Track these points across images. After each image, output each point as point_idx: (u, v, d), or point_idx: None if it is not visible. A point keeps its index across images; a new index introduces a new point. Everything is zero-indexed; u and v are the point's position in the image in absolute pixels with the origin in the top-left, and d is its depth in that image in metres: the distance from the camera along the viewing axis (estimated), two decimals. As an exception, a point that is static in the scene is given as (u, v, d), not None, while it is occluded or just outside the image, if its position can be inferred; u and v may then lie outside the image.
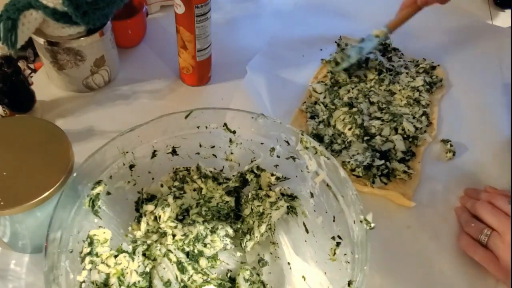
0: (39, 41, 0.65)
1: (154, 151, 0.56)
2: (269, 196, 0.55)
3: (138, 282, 0.48)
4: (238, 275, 0.51)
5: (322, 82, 0.76)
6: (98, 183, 0.50)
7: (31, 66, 0.70)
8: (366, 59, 0.78)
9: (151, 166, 0.56)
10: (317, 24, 0.89)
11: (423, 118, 0.70)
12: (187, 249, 0.52)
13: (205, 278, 0.51)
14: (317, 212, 0.54)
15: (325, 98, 0.72)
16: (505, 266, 0.50)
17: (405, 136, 0.67)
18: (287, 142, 0.55)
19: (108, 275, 0.48)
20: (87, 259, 0.47)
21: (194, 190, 0.56)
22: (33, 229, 0.49)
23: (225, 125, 0.56)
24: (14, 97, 0.62)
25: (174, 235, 0.52)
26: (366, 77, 0.77)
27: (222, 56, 0.78)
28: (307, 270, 0.52)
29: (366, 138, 0.66)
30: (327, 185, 0.52)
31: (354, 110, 0.69)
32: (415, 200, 0.60)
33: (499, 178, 0.64)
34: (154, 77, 0.76)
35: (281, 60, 0.80)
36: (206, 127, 0.56)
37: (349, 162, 0.63)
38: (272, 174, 0.56)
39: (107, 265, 0.48)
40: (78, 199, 0.48)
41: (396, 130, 0.68)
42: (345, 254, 0.49)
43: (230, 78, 0.76)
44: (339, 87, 0.74)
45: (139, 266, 0.49)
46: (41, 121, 0.53)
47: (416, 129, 0.68)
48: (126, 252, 0.50)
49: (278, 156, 0.56)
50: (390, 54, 0.81)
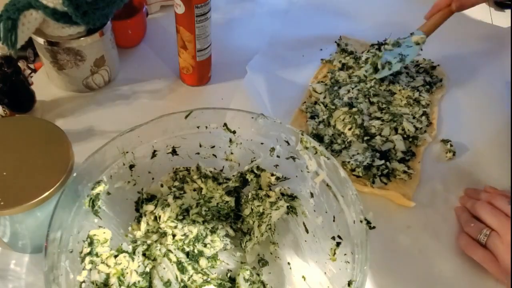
0: (39, 41, 0.65)
1: (154, 151, 0.56)
2: (269, 196, 0.55)
3: (138, 282, 0.48)
4: (238, 275, 0.51)
5: (322, 82, 0.76)
6: (98, 183, 0.50)
7: (31, 66, 0.70)
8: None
9: (151, 166, 0.57)
10: (317, 24, 0.89)
11: (423, 118, 0.70)
12: (187, 249, 0.52)
13: (205, 278, 0.51)
14: (317, 212, 0.54)
15: (325, 98, 0.72)
16: (504, 266, 0.50)
17: (405, 136, 0.67)
18: (287, 142, 0.55)
19: (108, 275, 0.48)
20: (87, 259, 0.47)
21: (194, 190, 0.56)
22: (33, 229, 0.49)
23: (225, 125, 0.56)
24: (14, 97, 0.62)
25: (174, 235, 0.52)
26: (366, 77, 0.77)
27: (222, 56, 0.78)
28: (307, 270, 0.52)
29: (366, 138, 0.66)
30: (327, 185, 0.52)
31: (354, 110, 0.69)
32: (415, 200, 0.60)
33: (499, 178, 0.64)
34: (154, 77, 0.76)
35: (281, 60, 0.80)
36: (206, 127, 0.56)
37: (349, 162, 0.63)
38: (272, 174, 0.56)
39: (107, 265, 0.48)
40: (78, 199, 0.48)
41: (396, 130, 0.68)
42: (345, 254, 0.49)
43: (230, 78, 0.76)
44: (339, 87, 0.74)
45: (139, 266, 0.49)
46: (41, 121, 0.53)
47: (416, 129, 0.68)
48: (126, 252, 0.50)
49: (278, 156, 0.56)
50: (390, 54, 0.81)
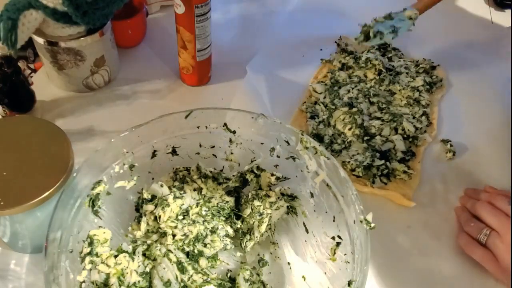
0: (39, 41, 0.65)
1: (154, 151, 0.56)
2: (269, 196, 0.55)
3: (138, 282, 0.48)
4: (238, 275, 0.51)
5: (322, 82, 0.76)
6: (98, 183, 0.50)
7: (31, 66, 0.70)
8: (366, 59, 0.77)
9: (151, 166, 0.57)
10: (317, 24, 0.89)
11: (423, 118, 0.70)
12: (187, 249, 0.52)
13: (205, 278, 0.51)
14: (317, 212, 0.54)
15: (325, 98, 0.72)
16: (504, 266, 0.50)
17: (405, 136, 0.67)
18: (287, 142, 0.55)
19: (108, 275, 0.48)
20: (87, 259, 0.47)
21: (194, 190, 0.56)
22: (33, 229, 0.49)
23: (225, 125, 0.56)
24: (14, 97, 0.62)
25: (174, 235, 0.52)
26: (366, 77, 0.77)
27: (222, 56, 0.78)
28: (307, 270, 0.52)
29: (366, 138, 0.66)
30: (327, 185, 0.52)
31: (354, 110, 0.69)
32: (415, 200, 0.60)
33: (499, 178, 0.64)
34: (154, 77, 0.76)
35: (281, 60, 0.80)
36: (206, 127, 0.56)
37: (349, 162, 0.63)
38: (272, 174, 0.56)
39: (107, 265, 0.48)
40: (78, 199, 0.48)
41: (396, 130, 0.67)
42: (345, 254, 0.49)
43: (230, 78, 0.76)
44: (339, 87, 0.74)
45: (139, 266, 0.49)
46: (41, 121, 0.53)
47: (416, 129, 0.68)
48: (126, 252, 0.50)
49: (278, 156, 0.56)
50: (390, 54, 0.81)
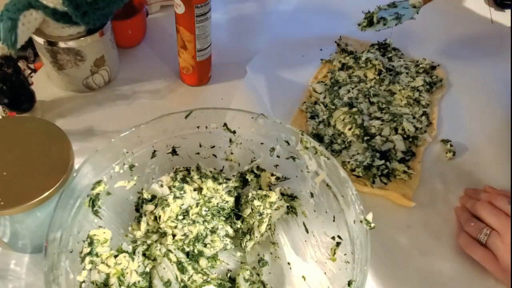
0: (39, 41, 0.65)
1: (154, 151, 0.56)
2: (269, 196, 0.55)
3: (138, 282, 0.48)
4: (238, 275, 0.51)
5: (322, 82, 0.76)
6: (98, 183, 0.51)
7: (31, 66, 0.70)
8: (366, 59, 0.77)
9: (151, 166, 0.57)
10: (317, 24, 0.89)
11: (423, 118, 0.70)
12: (187, 249, 0.52)
13: (205, 278, 0.51)
14: (317, 212, 0.54)
15: (325, 98, 0.72)
16: (504, 266, 0.50)
17: (405, 136, 0.67)
18: (287, 142, 0.55)
19: (108, 275, 0.48)
20: (87, 259, 0.47)
21: (194, 190, 0.56)
22: (33, 229, 0.49)
23: (225, 125, 0.56)
24: (14, 97, 0.62)
25: (174, 235, 0.52)
26: (366, 77, 0.77)
27: (222, 56, 0.78)
28: (307, 270, 0.52)
29: (366, 138, 0.66)
30: (327, 185, 0.52)
31: (354, 110, 0.69)
32: (415, 200, 0.60)
33: (499, 178, 0.64)
34: (154, 77, 0.76)
35: (281, 60, 0.80)
36: (206, 127, 0.56)
37: (349, 162, 0.63)
38: (272, 174, 0.56)
39: (107, 265, 0.48)
40: (78, 199, 0.48)
41: (396, 130, 0.67)
42: (345, 254, 0.49)
43: (230, 78, 0.76)
44: (339, 87, 0.74)
45: (139, 266, 0.49)
46: (41, 121, 0.53)
47: (416, 129, 0.68)
48: (126, 252, 0.50)
49: (278, 156, 0.56)
50: (390, 54, 0.81)
